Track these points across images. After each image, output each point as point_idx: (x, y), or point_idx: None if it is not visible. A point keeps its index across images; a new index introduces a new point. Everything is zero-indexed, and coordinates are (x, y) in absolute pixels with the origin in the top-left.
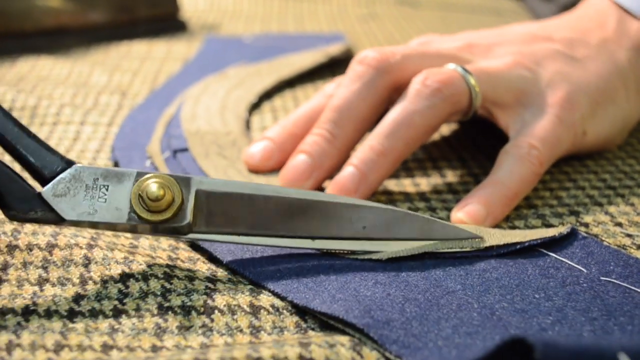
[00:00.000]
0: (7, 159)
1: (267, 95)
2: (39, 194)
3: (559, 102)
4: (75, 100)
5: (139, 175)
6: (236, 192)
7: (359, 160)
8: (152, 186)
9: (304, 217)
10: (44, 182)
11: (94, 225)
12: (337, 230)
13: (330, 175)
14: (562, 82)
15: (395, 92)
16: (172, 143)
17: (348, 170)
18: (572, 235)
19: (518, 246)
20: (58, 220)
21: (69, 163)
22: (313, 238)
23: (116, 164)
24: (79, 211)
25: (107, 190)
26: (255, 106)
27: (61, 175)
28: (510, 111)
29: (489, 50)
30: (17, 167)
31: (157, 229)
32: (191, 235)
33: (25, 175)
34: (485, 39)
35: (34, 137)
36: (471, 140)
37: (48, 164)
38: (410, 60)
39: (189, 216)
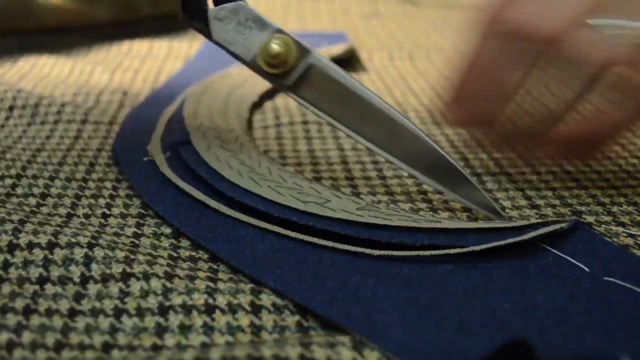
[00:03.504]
0: None
1: (269, 94)
2: (206, 11)
3: None
4: (76, 99)
5: (276, 32)
6: (343, 84)
7: None
8: (274, 46)
9: (391, 135)
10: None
11: (228, 51)
12: (404, 152)
13: None
14: None
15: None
16: (175, 137)
17: None
18: (575, 229)
19: (520, 235)
20: (208, 36)
21: None
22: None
23: (117, 163)
24: (224, 37)
25: (250, 31)
26: (256, 105)
27: (226, 5)
28: None
29: None
30: None
31: (268, 78)
32: (291, 95)
33: None
34: None
35: None
36: (475, 139)
37: None
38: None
39: (292, 79)
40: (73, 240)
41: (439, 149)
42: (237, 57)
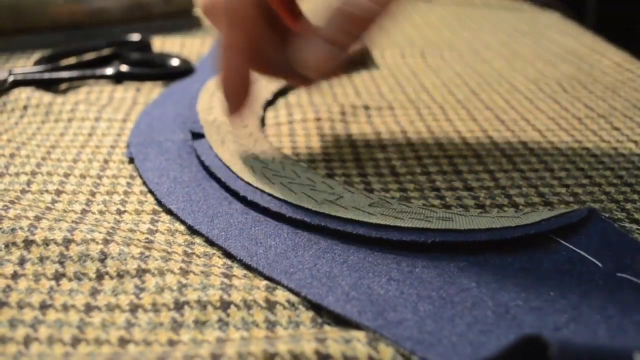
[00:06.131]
0: None
1: (282, 91)
2: None
3: None
4: (89, 96)
5: None
6: None
7: None
8: None
9: None
10: None
11: None
12: None
13: None
14: None
15: None
16: (193, 127)
17: None
18: (589, 219)
19: (533, 230)
20: None
21: None
22: None
23: (131, 160)
24: None
25: None
26: (269, 102)
27: None
28: None
29: None
30: None
31: None
32: None
33: None
34: None
35: None
36: (487, 136)
37: None
38: None
39: None
40: (88, 236)
41: None
42: None
